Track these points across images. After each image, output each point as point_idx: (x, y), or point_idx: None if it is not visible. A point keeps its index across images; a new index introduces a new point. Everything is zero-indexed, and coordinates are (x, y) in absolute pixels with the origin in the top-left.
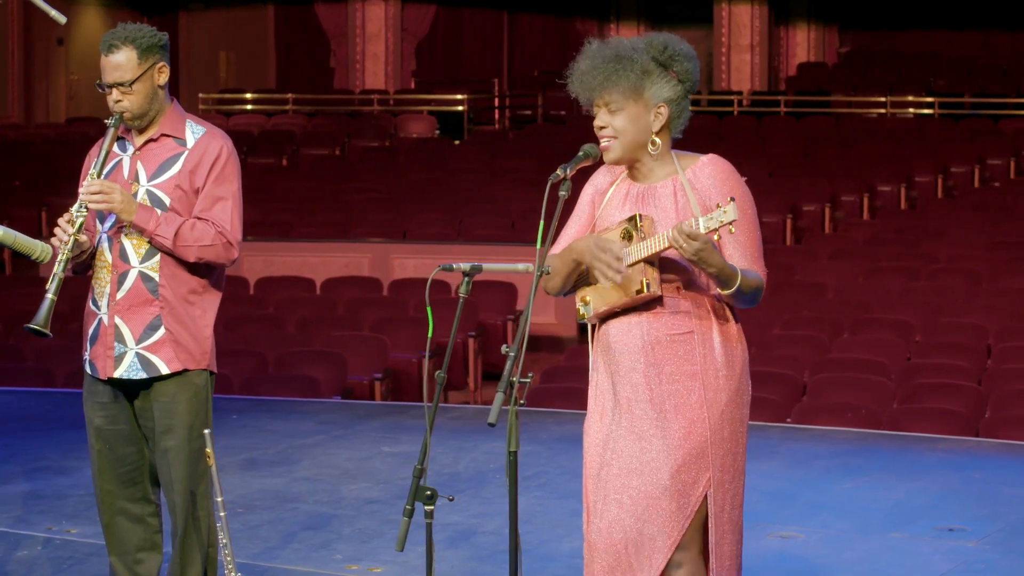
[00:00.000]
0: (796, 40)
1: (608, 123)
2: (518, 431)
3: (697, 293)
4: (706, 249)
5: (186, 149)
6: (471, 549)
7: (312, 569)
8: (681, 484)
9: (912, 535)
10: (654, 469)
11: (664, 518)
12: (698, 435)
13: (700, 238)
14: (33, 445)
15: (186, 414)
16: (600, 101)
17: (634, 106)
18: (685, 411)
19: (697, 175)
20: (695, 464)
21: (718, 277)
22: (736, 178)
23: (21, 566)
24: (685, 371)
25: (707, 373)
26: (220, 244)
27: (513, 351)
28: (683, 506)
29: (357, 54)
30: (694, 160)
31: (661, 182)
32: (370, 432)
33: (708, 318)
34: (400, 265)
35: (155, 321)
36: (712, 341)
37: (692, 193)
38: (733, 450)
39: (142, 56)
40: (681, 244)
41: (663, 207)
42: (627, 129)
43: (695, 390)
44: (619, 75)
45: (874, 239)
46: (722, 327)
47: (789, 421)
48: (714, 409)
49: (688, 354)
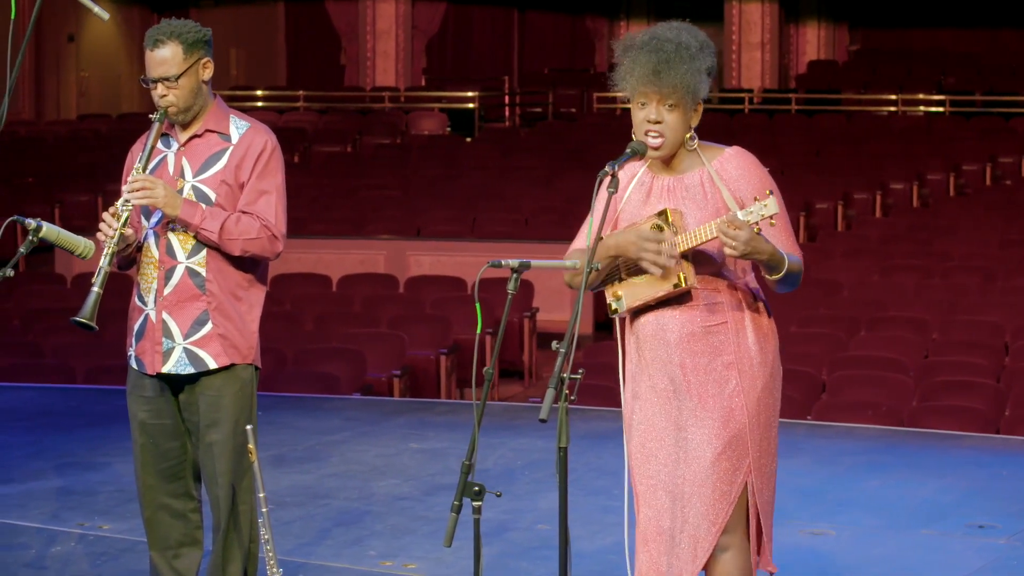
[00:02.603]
0: (806, 38)
1: (664, 118)
2: (568, 427)
3: (729, 284)
4: (755, 238)
5: (231, 144)
6: (504, 545)
7: (347, 565)
8: (722, 470)
9: (942, 532)
10: (696, 457)
11: (708, 504)
12: (737, 422)
13: (747, 228)
14: (60, 441)
15: (232, 408)
16: (656, 95)
17: (689, 103)
18: (723, 399)
19: (724, 166)
20: (735, 450)
21: (768, 263)
22: (763, 169)
23: (56, 561)
24: (721, 361)
25: (742, 362)
26: (265, 237)
27: (564, 348)
28: (726, 492)
29: (368, 51)
30: (719, 152)
31: (688, 174)
32: (396, 428)
33: (741, 308)
34: (416, 262)
35: (202, 316)
36: (745, 330)
37: (722, 184)
38: (768, 435)
39: (187, 51)
40: (730, 234)
41: (692, 198)
42: (679, 126)
43: (731, 379)
44: (690, 75)
45: (887, 237)
46: (754, 317)
47: (810, 418)
48: (751, 396)
49: (723, 344)
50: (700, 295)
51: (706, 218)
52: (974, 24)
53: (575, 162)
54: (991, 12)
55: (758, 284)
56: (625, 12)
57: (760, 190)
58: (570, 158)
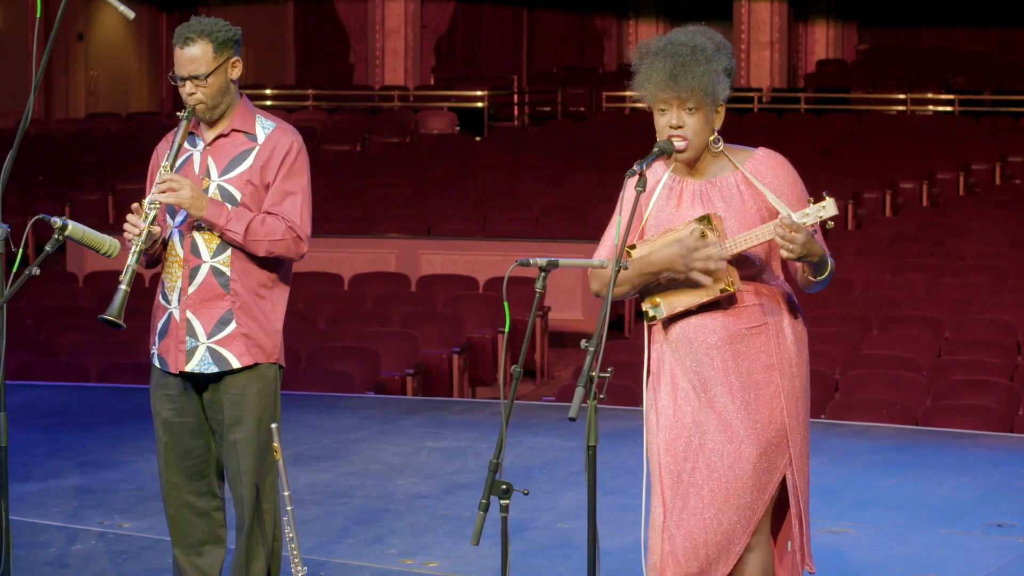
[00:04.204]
0: (815, 37)
1: (685, 122)
2: (597, 425)
3: (768, 287)
4: (811, 240)
5: (257, 144)
6: (524, 544)
7: (368, 563)
8: (761, 472)
9: (962, 531)
10: (735, 461)
11: (743, 507)
12: (778, 422)
13: (803, 230)
14: (78, 440)
15: (255, 406)
16: (675, 100)
17: (709, 106)
18: (764, 400)
19: (758, 168)
20: (775, 451)
21: (817, 265)
22: (794, 170)
23: (78, 559)
24: (762, 363)
25: (783, 363)
26: (290, 239)
27: (592, 346)
28: (761, 493)
29: (376, 50)
30: (748, 153)
31: (720, 176)
32: (413, 427)
33: (779, 310)
34: (427, 261)
35: (226, 315)
36: (784, 332)
37: (763, 187)
38: (805, 434)
39: (218, 50)
40: (786, 237)
41: (728, 202)
42: (702, 129)
43: (772, 380)
44: (707, 76)
45: (898, 236)
46: (791, 318)
47: (824, 417)
48: (790, 396)
49: (764, 345)
50: (740, 297)
51: (745, 221)
52: (983, 23)
53: (585, 161)
54: (1001, 11)
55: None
56: (634, 11)
57: (795, 190)
58: (580, 157)
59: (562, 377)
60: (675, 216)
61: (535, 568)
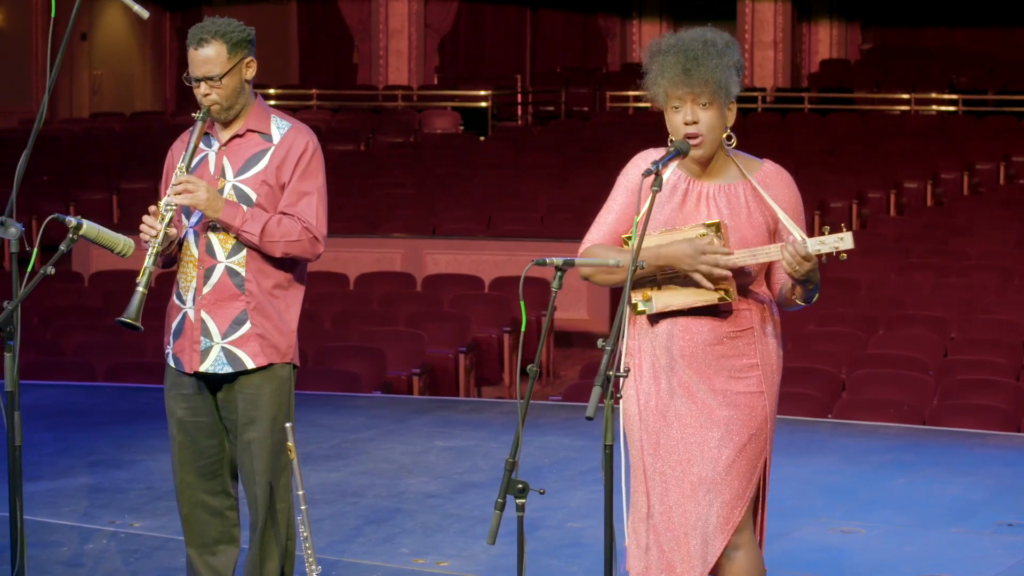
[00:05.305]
0: (819, 37)
1: (699, 118)
2: (613, 424)
3: (753, 294)
4: (815, 269)
5: (272, 144)
6: (535, 543)
7: (380, 563)
8: (741, 469)
9: (972, 530)
10: (715, 457)
11: (724, 503)
12: (758, 420)
13: (812, 260)
14: (87, 439)
15: (270, 406)
16: (689, 95)
17: (722, 101)
18: (746, 399)
19: (767, 182)
20: (754, 449)
21: (811, 290)
22: (798, 189)
23: (91, 559)
24: (746, 363)
25: (765, 365)
26: (306, 239)
27: (609, 345)
28: (744, 489)
29: (380, 50)
30: (756, 164)
31: (729, 184)
32: (422, 427)
33: (763, 316)
34: (432, 260)
35: (241, 316)
36: (767, 335)
37: (774, 204)
38: (773, 432)
39: (232, 50)
40: (794, 264)
41: (734, 211)
42: (716, 125)
43: (754, 380)
44: (720, 70)
45: (903, 236)
46: (773, 322)
47: (831, 417)
48: (770, 397)
49: (748, 347)
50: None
51: (751, 233)
52: (987, 23)
53: (589, 160)
54: (1004, 11)
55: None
56: (637, 11)
57: (798, 211)
58: (583, 156)
59: (568, 376)
60: (677, 215)
61: (547, 567)
